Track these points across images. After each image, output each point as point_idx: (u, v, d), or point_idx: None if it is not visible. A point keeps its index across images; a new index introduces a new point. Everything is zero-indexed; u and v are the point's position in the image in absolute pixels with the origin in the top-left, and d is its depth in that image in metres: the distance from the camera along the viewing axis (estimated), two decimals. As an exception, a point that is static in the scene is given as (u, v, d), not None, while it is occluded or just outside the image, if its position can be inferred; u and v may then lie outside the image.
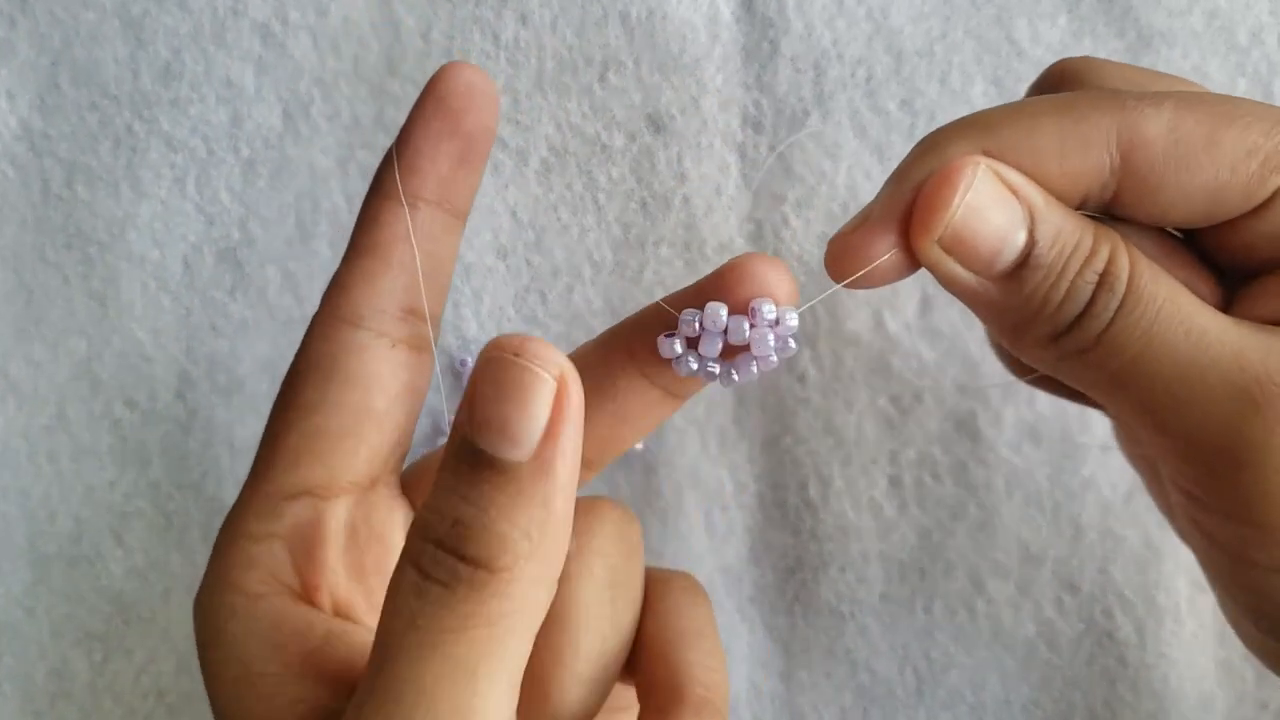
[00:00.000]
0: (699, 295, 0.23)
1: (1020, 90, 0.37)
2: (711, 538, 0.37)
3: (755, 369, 0.23)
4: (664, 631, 0.26)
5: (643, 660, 0.26)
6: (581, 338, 0.38)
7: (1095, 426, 0.36)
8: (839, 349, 0.37)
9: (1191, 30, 0.36)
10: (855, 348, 0.37)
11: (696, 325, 0.22)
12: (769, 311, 0.22)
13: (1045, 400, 0.36)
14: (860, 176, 0.37)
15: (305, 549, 0.24)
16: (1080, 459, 0.36)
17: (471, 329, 0.38)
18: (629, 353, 0.23)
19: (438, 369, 0.38)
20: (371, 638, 0.22)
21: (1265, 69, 0.36)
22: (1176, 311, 0.21)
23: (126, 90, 0.39)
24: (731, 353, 0.23)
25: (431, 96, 0.25)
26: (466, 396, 0.20)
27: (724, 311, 0.22)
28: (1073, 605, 0.36)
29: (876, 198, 0.23)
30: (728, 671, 0.26)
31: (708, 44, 0.38)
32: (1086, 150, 0.21)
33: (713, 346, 0.22)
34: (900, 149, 0.37)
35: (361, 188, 0.38)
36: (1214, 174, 0.21)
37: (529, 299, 0.38)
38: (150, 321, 0.38)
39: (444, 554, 0.19)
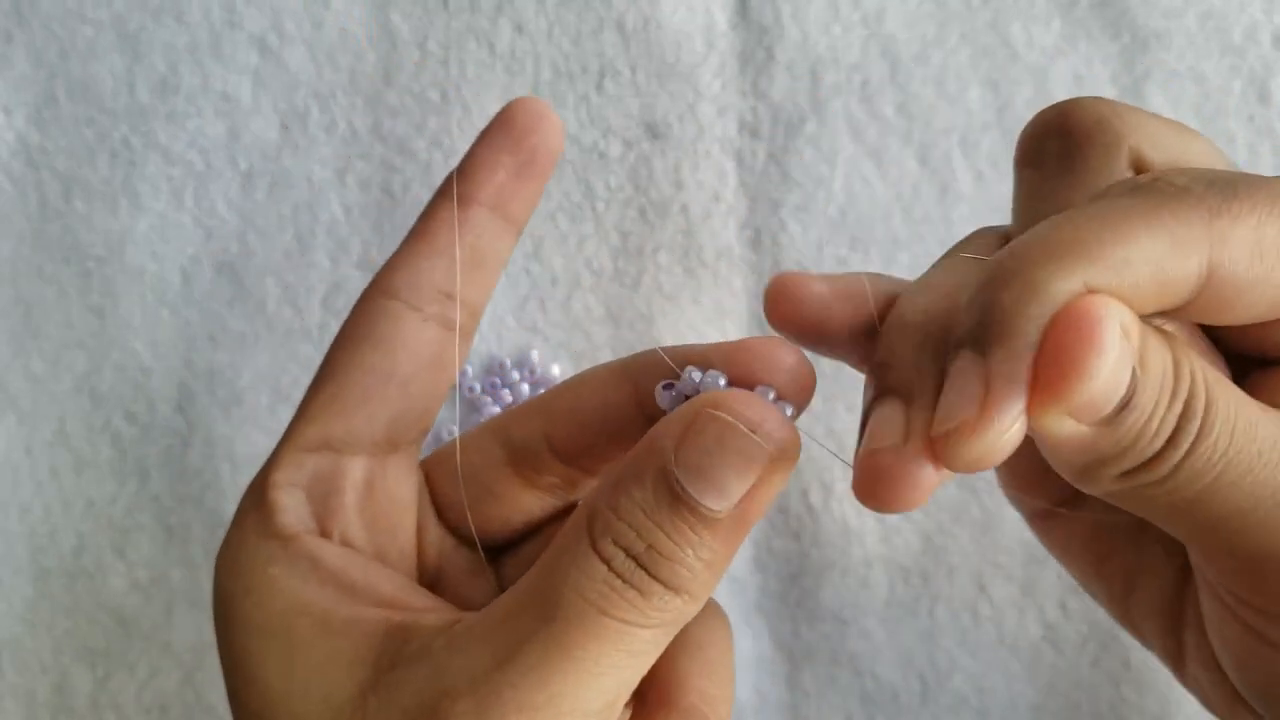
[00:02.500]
0: (711, 356, 0.23)
1: (1015, 95, 0.37)
2: (714, 544, 0.37)
3: None
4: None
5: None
6: (581, 345, 0.38)
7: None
8: (839, 354, 0.37)
9: (1186, 31, 0.36)
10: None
11: (696, 383, 0.23)
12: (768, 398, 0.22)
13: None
14: (857, 182, 0.37)
15: (322, 497, 0.25)
16: (1082, 461, 0.36)
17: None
18: (633, 388, 0.25)
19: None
20: (396, 576, 0.25)
21: (1260, 69, 0.36)
22: (1247, 428, 0.20)
23: (123, 104, 0.39)
24: None
25: (499, 119, 0.27)
26: (674, 431, 0.21)
27: (723, 380, 0.23)
28: (1077, 607, 0.36)
29: (957, 379, 0.19)
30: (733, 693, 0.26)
31: (704, 51, 0.38)
32: (1183, 274, 0.19)
33: None
34: (897, 153, 0.37)
35: (360, 198, 0.38)
36: None
37: (528, 307, 0.38)
38: (149, 334, 0.38)
39: (638, 568, 0.21)
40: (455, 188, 0.27)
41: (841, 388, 0.37)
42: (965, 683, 0.36)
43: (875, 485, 0.20)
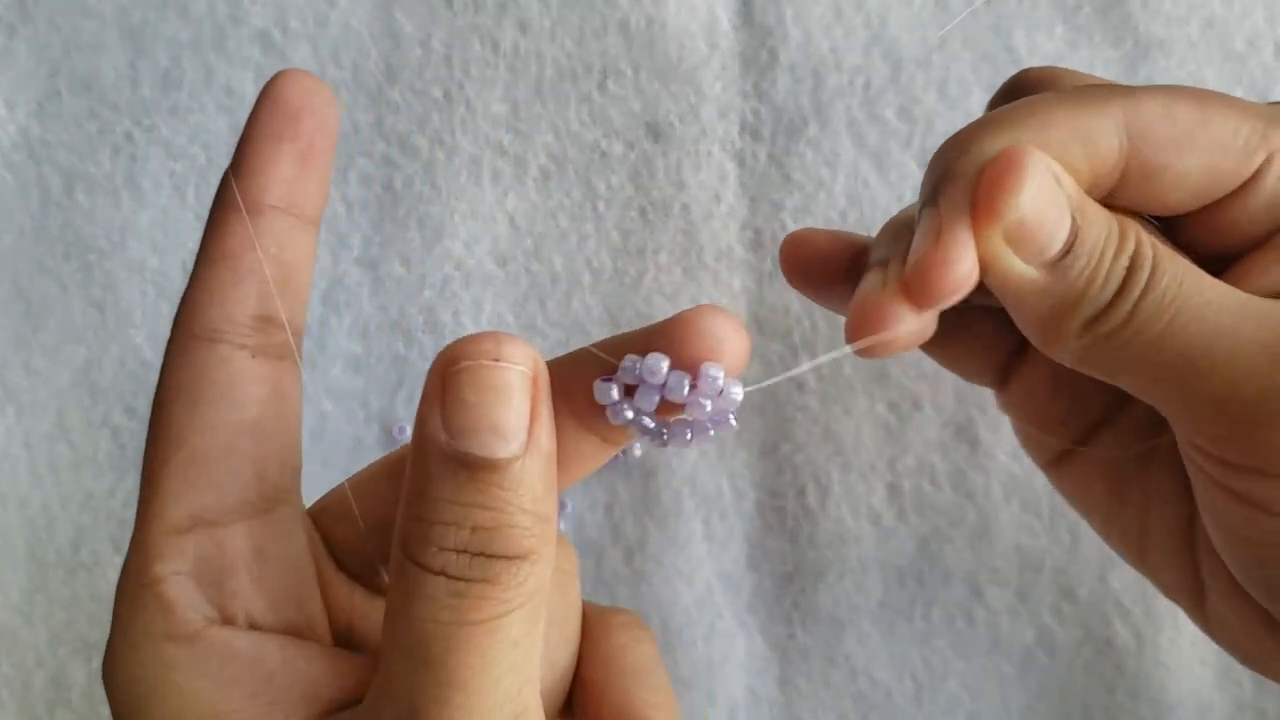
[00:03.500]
0: (643, 342, 0.21)
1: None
2: (710, 544, 0.37)
3: (689, 437, 0.21)
4: (609, 671, 0.25)
5: (587, 703, 0.25)
6: (580, 344, 0.38)
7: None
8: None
9: (1188, 39, 0.36)
10: (853, 354, 0.37)
11: (637, 372, 0.21)
12: (715, 377, 0.20)
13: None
14: (858, 184, 0.37)
15: (215, 579, 0.23)
16: (1078, 466, 0.36)
17: (470, 336, 0.38)
18: (564, 394, 0.22)
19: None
20: (313, 649, 0.23)
21: (1261, 76, 0.36)
22: (1196, 283, 0.22)
23: (126, 98, 0.39)
24: (669, 410, 0.21)
25: (267, 100, 0.24)
26: (435, 406, 0.20)
27: (665, 364, 0.20)
28: (1071, 613, 0.36)
29: (922, 226, 0.22)
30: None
31: (706, 52, 0.38)
32: (1103, 137, 0.22)
33: (649, 400, 0.21)
34: (898, 157, 0.37)
35: (361, 194, 0.38)
36: (1208, 153, 0.22)
37: (528, 306, 0.38)
38: (149, 329, 0.38)
39: (475, 557, 0.20)
40: (237, 192, 0.24)
41: (838, 390, 0.37)
42: (959, 686, 0.36)
43: (860, 323, 0.22)
